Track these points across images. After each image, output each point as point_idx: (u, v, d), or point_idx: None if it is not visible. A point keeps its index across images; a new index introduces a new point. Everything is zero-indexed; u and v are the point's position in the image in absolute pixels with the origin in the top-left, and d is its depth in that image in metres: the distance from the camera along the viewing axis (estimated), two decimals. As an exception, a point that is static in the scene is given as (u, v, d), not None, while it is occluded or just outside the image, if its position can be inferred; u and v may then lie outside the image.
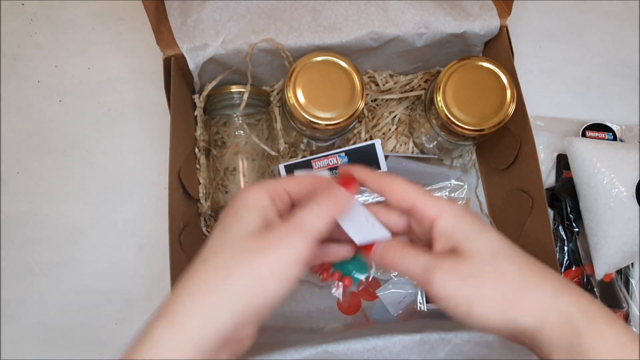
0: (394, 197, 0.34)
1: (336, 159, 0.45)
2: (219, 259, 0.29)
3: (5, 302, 0.59)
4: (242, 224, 0.30)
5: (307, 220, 0.30)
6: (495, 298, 0.31)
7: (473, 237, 0.32)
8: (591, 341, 0.29)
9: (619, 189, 0.54)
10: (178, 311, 0.28)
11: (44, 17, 0.67)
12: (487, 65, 0.50)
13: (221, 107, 0.56)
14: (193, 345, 0.27)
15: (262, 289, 0.28)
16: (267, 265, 0.28)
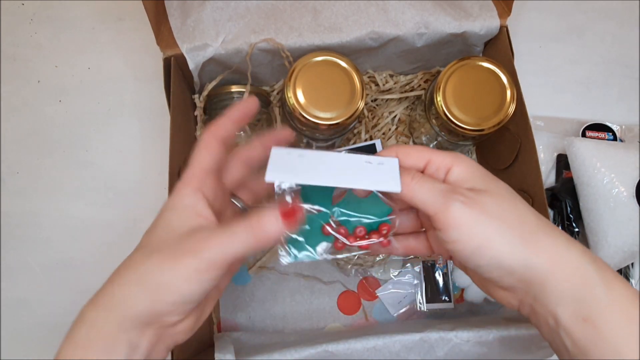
0: (412, 159, 0.34)
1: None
2: (140, 255, 0.32)
3: (5, 302, 0.59)
4: (166, 224, 0.32)
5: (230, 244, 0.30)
6: (514, 235, 0.30)
7: (491, 181, 0.33)
8: (601, 291, 0.29)
9: (619, 189, 0.54)
10: (101, 295, 0.31)
11: (44, 17, 0.67)
12: (487, 65, 0.50)
13: (221, 107, 0.56)
14: (115, 324, 0.30)
15: (171, 289, 0.30)
16: (175, 272, 0.30)
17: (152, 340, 0.32)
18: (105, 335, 0.30)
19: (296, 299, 0.58)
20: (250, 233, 0.30)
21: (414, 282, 0.58)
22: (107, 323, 0.30)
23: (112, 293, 0.31)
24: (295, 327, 0.57)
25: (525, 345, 0.44)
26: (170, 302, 0.30)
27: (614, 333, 0.29)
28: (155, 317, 0.31)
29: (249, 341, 0.51)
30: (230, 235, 0.30)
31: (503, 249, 0.30)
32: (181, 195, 0.33)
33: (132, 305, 0.30)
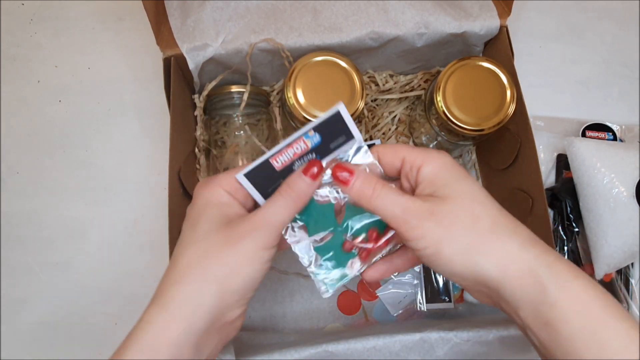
0: (388, 157, 0.36)
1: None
2: (196, 250, 0.32)
3: (5, 302, 0.59)
4: (209, 219, 0.33)
5: (269, 216, 0.33)
6: (464, 242, 0.31)
7: (452, 183, 0.33)
8: (555, 294, 0.29)
9: (619, 189, 0.54)
10: (168, 297, 0.31)
11: (44, 17, 0.67)
12: (487, 65, 0.50)
13: (221, 107, 0.56)
14: (184, 326, 0.30)
15: (235, 274, 0.32)
16: (237, 256, 0.32)
17: (215, 340, 0.33)
18: (174, 339, 0.30)
19: (296, 299, 0.58)
20: (287, 197, 0.33)
21: (414, 282, 0.58)
22: (175, 326, 0.30)
23: (176, 292, 0.31)
24: (295, 327, 0.57)
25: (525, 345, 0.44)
26: (236, 291, 0.32)
27: (574, 336, 0.29)
28: (221, 313, 0.32)
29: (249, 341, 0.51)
30: (270, 208, 0.33)
31: (452, 257, 0.31)
32: (216, 194, 0.35)
33: (200, 304, 0.31)
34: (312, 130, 0.35)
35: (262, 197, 0.36)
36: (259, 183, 0.35)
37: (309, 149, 0.35)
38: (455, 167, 0.34)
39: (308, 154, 0.35)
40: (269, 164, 0.35)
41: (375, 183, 0.34)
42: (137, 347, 0.30)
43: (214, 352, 0.33)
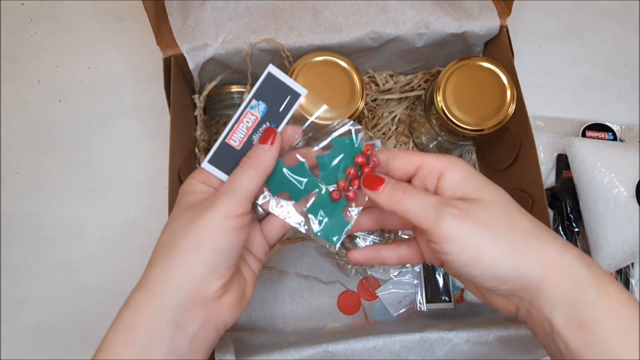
0: (400, 162, 0.35)
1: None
2: (166, 233, 0.34)
3: (5, 302, 0.59)
4: (180, 205, 0.35)
5: (230, 184, 0.34)
6: (506, 244, 0.30)
7: (483, 187, 0.33)
8: (595, 296, 0.29)
9: (619, 189, 0.54)
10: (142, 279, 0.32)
11: (44, 17, 0.67)
12: (487, 65, 0.50)
13: (221, 107, 0.56)
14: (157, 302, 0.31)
15: (202, 245, 0.32)
16: (200, 227, 0.32)
17: (198, 318, 0.32)
18: (149, 316, 0.31)
19: (296, 299, 0.58)
20: (246, 166, 0.34)
21: (414, 282, 0.58)
22: (149, 303, 0.31)
23: (151, 272, 0.32)
24: (295, 327, 0.57)
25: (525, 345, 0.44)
26: (203, 261, 0.32)
27: (609, 337, 0.29)
28: (195, 286, 0.31)
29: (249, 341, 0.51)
30: (233, 177, 0.34)
31: (496, 259, 0.30)
32: (189, 185, 0.36)
33: (170, 279, 0.31)
34: (253, 99, 0.35)
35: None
36: (225, 166, 0.36)
37: (259, 119, 0.36)
38: (479, 175, 0.34)
39: (262, 124, 0.36)
40: (227, 146, 0.36)
41: (405, 186, 0.34)
42: (116, 327, 0.31)
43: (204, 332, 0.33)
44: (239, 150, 0.36)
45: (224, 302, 0.33)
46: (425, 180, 0.34)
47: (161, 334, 0.31)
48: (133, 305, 0.32)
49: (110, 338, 0.31)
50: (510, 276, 0.31)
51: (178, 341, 0.31)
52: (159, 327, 0.31)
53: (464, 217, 0.31)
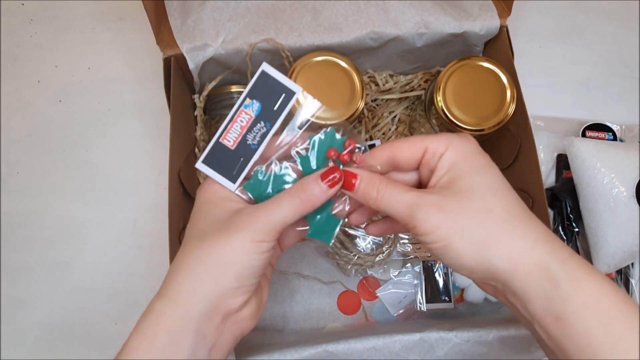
0: (406, 152, 0.35)
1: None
2: (193, 243, 0.33)
3: (5, 302, 0.59)
4: (206, 214, 0.34)
5: (271, 212, 0.32)
6: (474, 235, 0.31)
7: (470, 174, 0.32)
8: (569, 289, 0.29)
9: (619, 189, 0.54)
10: (166, 287, 0.32)
11: (44, 17, 0.67)
12: (487, 65, 0.50)
13: (221, 107, 0.56)
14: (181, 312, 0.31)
15: (230, 262, 0.31)
16: (231, 244, 0.31)
17: (219, 328, 0.32)
18: (172, 325, 0.31)
19: (296, 299, 0.58)
20: (296, 198, 0.33)
21: (414, 282, 0.58)
22: (173, 312, 0.31)
23: (175, 281, 0.32)
24: (295, 327, 0.57)
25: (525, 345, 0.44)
26: (232, 277, 0.31)
27: (588, 330, 0.29)
28: (220, 299, 0.32)
29: (249, 341, 0.51)
30: (277, 203, 0.33)
31: (463, 251, 0.31)
32: (215, 190, 0.35)
33: (196, 290, 0.31)
34: (247, 98, 0.34)
35: (230, 181, 0.35)
36: (220, 167, 0.35)
37: (254, 118, 0.35)
38: (476, 157, 0.33)
39: (256, 123, 0.35)
40: (221, 145, 0.35)
41: (378, 183, 0.33)
42: (138, 334, 0.31)
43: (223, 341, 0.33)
44: (233, 150, 0.35)
45: (244, 313, 0.34)
46: (429, 163, 0.34)
47: (183, 344, 0.31)
48: (156, 313, 0.31)
49: (132, 344, 0.31)
50: (477, 267, 0.31)
51: (199, 350, 0.31)
52: (182, 337, 0.31)
53: (436, 211, 0.31)
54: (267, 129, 0.35)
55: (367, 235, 0.58)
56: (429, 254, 0.58)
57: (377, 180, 0.34)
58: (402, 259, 0.59)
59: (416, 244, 0.58)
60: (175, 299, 0.31)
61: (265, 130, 0.35)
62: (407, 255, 0.58)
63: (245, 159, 0.35)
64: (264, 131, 0.35)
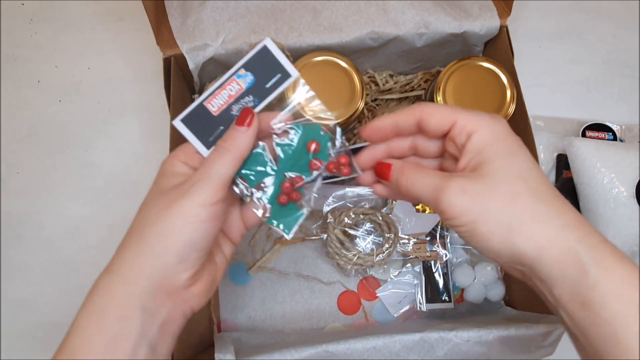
0: (434, 119, 0.34)
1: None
2: (138, 218, 0.33)
3: (5, 302, 0.59)
4: (158, 187, 0.34)
5: (208, 165, 0.32)
6: (500, 219, 0.30)
7: (499, 157, 0.32)
8: (597, 277, 0.29)
9: (619, 189, 0.54)
10: (112, 263, 0.33)
11: (44, 17, 0.67)
12: (487, 65, 0.50)
13: (221, 107, 0.56)
14: (127, 288, 0.31)
15: (172, 235, 0.31)
16: (172, 217, 0.31)
17: (168, 305, 0.32)
18: (119, 300, 0.31)
19: (296, 299, 0.58)
20: (222, 150, 0.33)
21: (414, 282, 0.58)
22: (120, 288, 0.31)
23: (120, 258, 0.32)
24: (295, 327, 0.57)
25: (525, 345, 0.44)
26: (175, 252, 0.31)
27: (613, 319, 0.28)
28: (162, 275, 0.31)
29: (249, 341, 0.51)
30: (207, 162, 0.33)
31: (489, 235, 0.31)
32: (170, 164, 0.34)
33: (141, 265, 0.31)
34: (242, 69, 0.33)
35: (205, 147, 0.34)
36: (198, 130, 0.34)
37: (244, 90, 0.34)
38: (507, 138, 0.33)
39: (245, 96, 0.34)
40: (204, 108, 0.34)
41: (407, 171, 0.34)
42: (86, 310, 0.31)
43: (172, 318, 0.33)
44: (215, 116, 0.34)
45: (193, 291, 0.33)
46: (456, 139, 0.33)
47: (132, 320, 0.30)
48: (102, 289, 0.31)
49: (81, 322, 0.31)
50: (504, 252, 0.31)
51: (148, 326, 0.31)
52: (130, 313, 0.30)
53: (461, 194, 0.31)
54: (254, 104, 0.34)
55: (367, 235, 0.58)
56: (429, 254, 0.58)
57: (406, 168, 0.34)
58: (402, 259, 0.59)
59: (416, 244, 0.58)
60: (120, 275, 0.31)
61: (252, 105, 0.34)
62: (407, 255, 0.58)
63: (225, 128, 0.34)
64: (250, 105, 0.34)
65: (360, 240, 0.58)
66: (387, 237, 0.56)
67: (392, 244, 0.56)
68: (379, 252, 0.56)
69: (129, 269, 0.31)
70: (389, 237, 0.56)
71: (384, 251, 0.56)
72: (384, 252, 0.56)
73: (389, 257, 0.56)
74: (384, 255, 0.56)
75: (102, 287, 0.32)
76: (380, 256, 0.56)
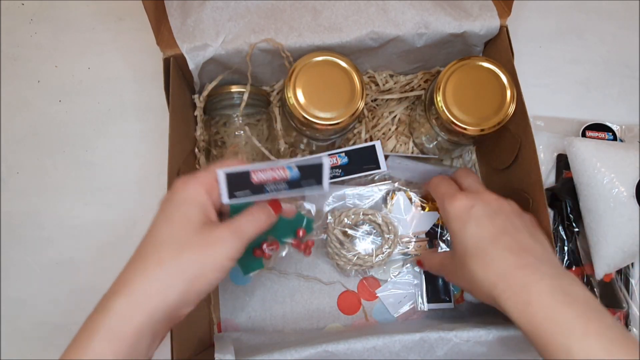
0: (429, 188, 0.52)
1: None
2: (171, 247, 0.34)
3: (5, 302, 0.59)
4: (186, 218, 0.36)
5: (243, 228, 0.37)
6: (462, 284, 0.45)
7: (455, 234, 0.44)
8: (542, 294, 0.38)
9: (619, 189, 0.54)
10: (135, 288, 0.33)
11: (44, 17, 0.67)
12: (487, 65, 0.50)
13: (221, 107, 0.56)
14: (147, 317, 0.32)
15: (204, 277, 0.34)
16: (210, 260, 0.35)
17: (166, 331, 0.35)
18: (136, 327, 0.32)
19: (296, 299, 0.58)
20: (255, 222, 0.38)
21: (414, 282, 0.58)
22: (140, 316, 0.32)
23: (146, 286, 0.33)
24: (295, 327, 0.57)
25: (525, 346, 0.44)
26: (199, 292, 0.34)
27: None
28: (179, 309, 0.34)
29: (249, 341, 0.51)
30: (245, 221, 0.37)
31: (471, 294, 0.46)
32: (196, 192, 0.37)
33: (165, 299, 0.33)
34: (295, 165, 0.38)
35: (227, 195, 0.38)
36: (231, 184, 0.38)
37: (285, 179, 0.39)
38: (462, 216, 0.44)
39: (282, 182, 0.39)
40: (248, 175, 0.38)
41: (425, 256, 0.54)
42: (104, 335, 0.32)
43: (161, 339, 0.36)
44: (251, 184, 0.38)
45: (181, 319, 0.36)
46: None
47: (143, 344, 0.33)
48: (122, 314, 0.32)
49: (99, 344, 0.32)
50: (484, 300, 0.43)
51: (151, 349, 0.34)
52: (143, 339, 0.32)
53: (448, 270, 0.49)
54: (285, 190, 0.39)
55: (366, 235, 0.58)
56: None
57: (425, 255, 0.55)
58: (402, 258, 0.59)
59: (416, 243, 0.58)
60: (143, 304, 0.33)
61: (283, 190, 0.39)
62: (407, 255, 0.58)
63: (251, 194, 0.39)
64: (281, 189, 0.39)
65: (359, 241, 0.58)
66: (387, 238, 0.56)
67: (392, 244, 0.56)
68: (379, 252, 0.56)
69: (152, 300, 0.33)
70: (389, 237, 0.56)
71: (383, 252, 0.56)
72: (383, 253, 0.56)
73: (388, 257, 0.56)
74: (383, 256, 0.56)
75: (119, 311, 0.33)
76: (379, 257, 0.56)
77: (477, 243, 0.41)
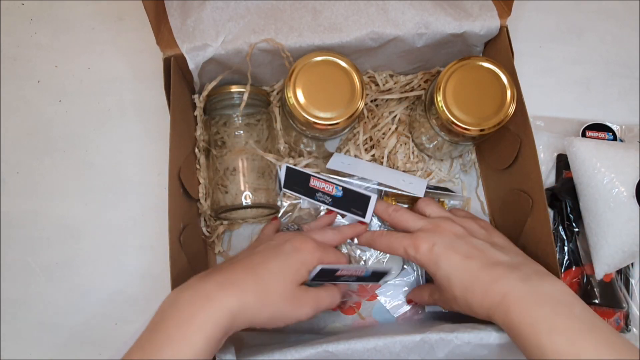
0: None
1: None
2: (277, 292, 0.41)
3: (5, 302, 0.59)
4: (297, 278, 0.43)
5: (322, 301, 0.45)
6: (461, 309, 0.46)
7: (434, 275, 0.47)
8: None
9: (619, 189, 0.54)
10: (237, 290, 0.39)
11: (44, 17, 0.67)
12: (487, 65, 0.50)
13: (221, 107, 0.56)
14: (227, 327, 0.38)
15: (280, 321, 0.41)
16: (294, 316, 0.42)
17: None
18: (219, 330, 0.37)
19: (296, 299, 0.58)
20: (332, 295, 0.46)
21: (414, 282, 0.58)
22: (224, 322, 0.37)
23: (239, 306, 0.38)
24: (295, 327, 0.57)
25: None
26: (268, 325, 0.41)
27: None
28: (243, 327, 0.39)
29: (249, 341, 0.51)
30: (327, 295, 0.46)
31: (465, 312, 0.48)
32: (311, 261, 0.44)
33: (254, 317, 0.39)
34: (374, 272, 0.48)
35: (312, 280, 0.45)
36: (320, 275, 0.45)
37: (359, 276, 0.48)
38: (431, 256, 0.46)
39: (355, 277, 0.48)
40: (335, 271, 0.45)
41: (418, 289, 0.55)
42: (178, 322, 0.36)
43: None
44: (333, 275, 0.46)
45: None
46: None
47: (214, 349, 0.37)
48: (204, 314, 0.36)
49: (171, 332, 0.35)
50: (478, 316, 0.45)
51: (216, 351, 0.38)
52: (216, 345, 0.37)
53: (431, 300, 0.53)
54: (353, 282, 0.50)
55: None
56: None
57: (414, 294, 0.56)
58: (402, 258, 0.59)
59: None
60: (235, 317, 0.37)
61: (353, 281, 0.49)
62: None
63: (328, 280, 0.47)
64: (351, 281, 0.49)
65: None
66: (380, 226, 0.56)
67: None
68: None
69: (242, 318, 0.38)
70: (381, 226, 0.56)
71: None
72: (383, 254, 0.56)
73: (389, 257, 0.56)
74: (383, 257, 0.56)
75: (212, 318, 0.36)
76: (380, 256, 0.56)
77: (455, 278, 0.44)
